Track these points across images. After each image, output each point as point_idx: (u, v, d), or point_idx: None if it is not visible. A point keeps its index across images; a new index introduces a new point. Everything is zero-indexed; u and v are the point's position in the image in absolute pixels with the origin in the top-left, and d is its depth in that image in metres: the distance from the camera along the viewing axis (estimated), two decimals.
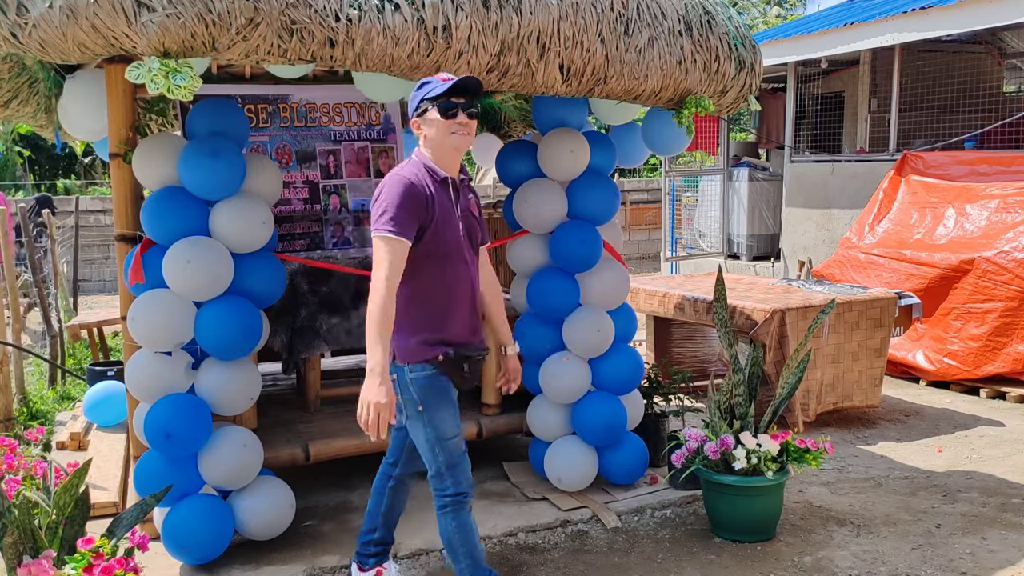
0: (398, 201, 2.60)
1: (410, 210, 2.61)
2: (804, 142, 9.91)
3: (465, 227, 2.80)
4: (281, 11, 2.69)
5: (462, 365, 2.78)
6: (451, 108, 2.64)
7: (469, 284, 2.82)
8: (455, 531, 2.79)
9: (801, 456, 3.51)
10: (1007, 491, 4.07)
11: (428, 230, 2.67)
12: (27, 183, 18.30)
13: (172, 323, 3.14)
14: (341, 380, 4.81)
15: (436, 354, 2.73)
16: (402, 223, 2.59)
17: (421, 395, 2.74)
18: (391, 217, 2.59)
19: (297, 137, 4.70)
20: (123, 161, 3.28)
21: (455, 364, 2.77)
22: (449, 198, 2.75)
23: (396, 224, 2.59)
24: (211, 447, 3.25)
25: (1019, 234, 5.91)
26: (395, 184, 2.63)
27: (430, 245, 2.68)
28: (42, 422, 5.34)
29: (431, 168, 2.71)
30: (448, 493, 2.78)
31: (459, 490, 2.78)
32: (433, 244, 2.69)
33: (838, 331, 5.02)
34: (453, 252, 2.74)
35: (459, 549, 2.79)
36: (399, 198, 2.60)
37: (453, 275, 2.75)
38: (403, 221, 2.59)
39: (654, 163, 21.46)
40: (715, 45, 3.52)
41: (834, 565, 3.33)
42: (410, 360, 2.74)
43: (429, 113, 2.67)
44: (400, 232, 2.59)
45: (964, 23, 7.27)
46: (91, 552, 2.46)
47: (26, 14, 2.58)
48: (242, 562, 3.36)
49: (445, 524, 2.80)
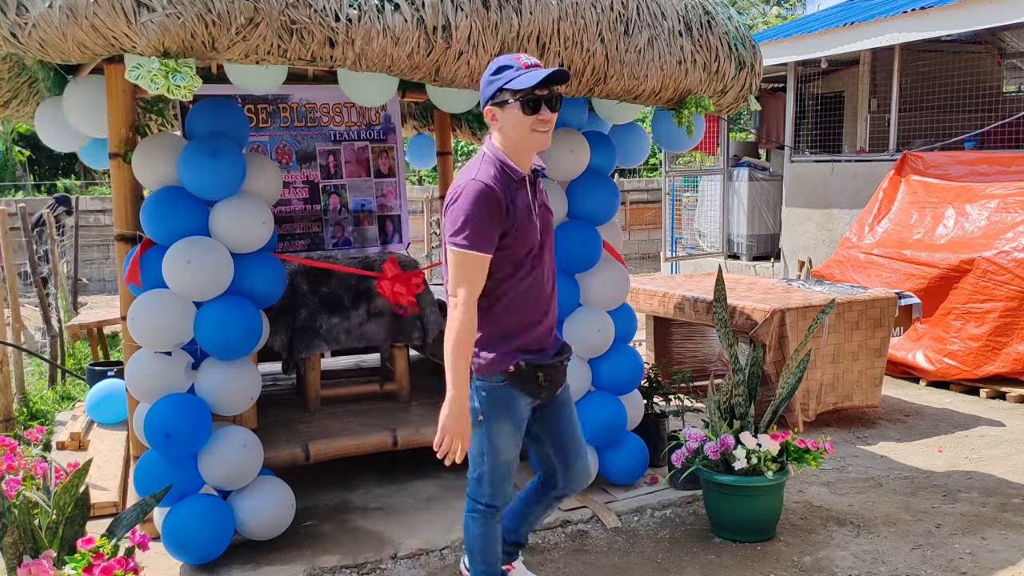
0: (477, 212, 2.38)
1: (490, 220, 2.40)
2: (804, 142, 9.91)
3: (542, 225, 2.60)
4: (281, 11, 2.69)
5: (536, 375, 2.59)
6: (535, 102, 2.39)
7: (547, 284, 2.64)
8: (478, 537, 2.73)
9: (801, 456, 3.51)
10: (1007, 491, 4.07)
11: (508, 235, 2.47)
12: (27, 183, 18.29)
13: (172, 323, 3.14)
14: (341, 380, 4.82)
15: (507, 365, 2.54)
16: (481, 236, 2.39)
17: (484, 405, 2.58)
18: (468, 231, 2.38)
19: (297, 137, 4.71)
20: (123, 161, 3.28)
21: (528, 375, 2.57)
22: (527, 197, 2.54)
23: (475, 238, 2.39)
24: (211, 447, 3.25)
25: (1019, 234, 5.91)
26: (473, 192, 2.40)
27: (510, 250, 2.49)
28: (42, 422, 5.34)
29: (508, 167, 2.48)
30: (481, 502, 2.71)
31: (492, 503, 2.70)
32: (513, 249, 2.50)
33: (838, 331, 5.02)
34: (533, 253, 2.56)
35: (477, 555, 2.75)
36: (478, 208, 2.38)
37: (532, 278, 2.57)
38: (482, 233, 2.39)
39: (654, 163, 21.45)
40: (715, 45, 3.52)
41: (834, 565, 3.33)
42: (481, 371, 2.57)
43: (509, 106, 2.42)
44: (480, 247, 2.40)
45: (964, 23, 7.27)
46: (91, 552, 2.46)
47: (26, 14, 2.58)
48: (242, 562, 3.36)
49: (470, 528, 2.75)
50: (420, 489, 4.15)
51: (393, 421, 4.16)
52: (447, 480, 4.25)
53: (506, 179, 2.47)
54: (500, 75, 2.41)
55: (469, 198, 2.39)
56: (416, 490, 4.14)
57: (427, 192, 13.60)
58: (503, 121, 2.45)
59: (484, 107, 2.48)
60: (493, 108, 2.46)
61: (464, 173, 2.48)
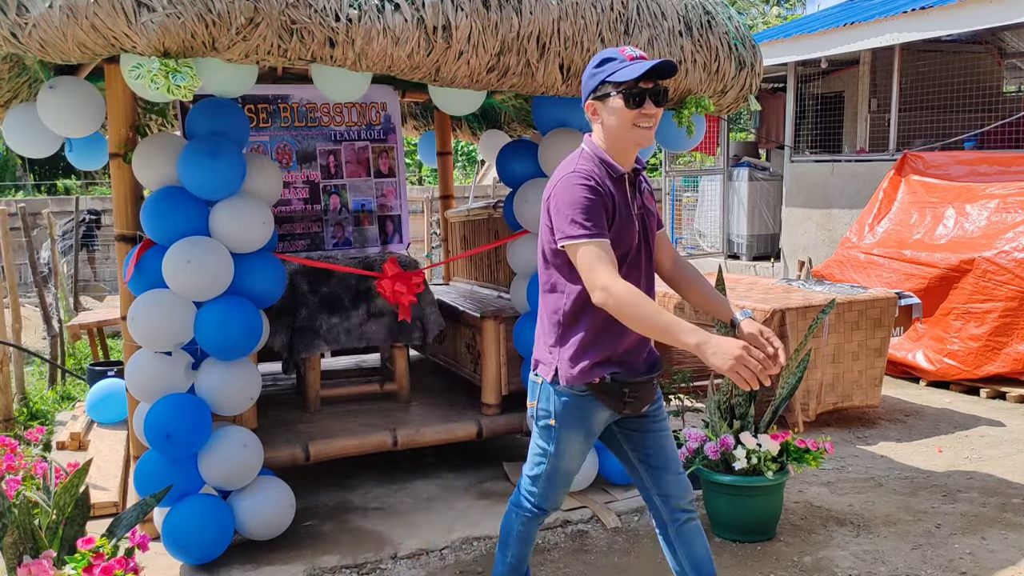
0: (580, 202, 2.25)
1: (595, 206, 2.26)
2: (804, 142, 9.91)
3: (641, 227, 2.42)
4: (281, 11, 2.68)
5: (622, 391, 2.41)
6: (639, 95, 2.25)
7: (644, 290, 2.42)
8: (517, 534, 2.66)
9: (801, 456, 3.51)
10: (1007, 491, 4.07)
11: (609, 231, 2.31)
12: (27, 183, 18.29)
13: (172, 323, 3.14)
14: (341, 380, 4.82)
15: (592, 379, 2.38)
16: (594, 222, 2.24)
17: (559, 411, 2.44)
18: (580, 220, 2.23)
19: (297, 137, 4.71)
20: (123, 161, 3.28)
21: (613, 389, 2.40)
22: (626, 196, 2.38)
23: (587, 225, 2.23)
24: (211, 447, 3.25)
25: (1019, 234, 5.91)
26: (571, 184, 2.27)
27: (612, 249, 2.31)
28: (42, 422, 5.34)
29: (607, 163, 2.34)
30: (532, 503, 2.61)
31: (543, 506, 2.62)
32: (615, 247, 2.32)
33: (838, 331, 5.02)
34: (629, 258, 2.38)
35: (510, 549, 2.69)
36: (581, 199, 2.25)
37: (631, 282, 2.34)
38: (593, 218, 2.24)
39: (654, 163, 21.43)
40: (715, 45, 3.52)
41: (834, 565, 3.33)
42: (563, 379, 2.41)
43: (611, 100, 2.28)
44: (597, 232, 2.23)
45: (964, 23, 7.27)
46: (91, 552, 2.46)
47: (26, 14, 2.58)
48: (242, 562, 3.36)
49: (512, 523, 2.66)
50: (420, 489, 4.15)
51: (393, 421, 4.16)
52: (447, 480, 4.26)
53: (604, 175, 2.32)
54: (602, 67, 2.29)
55: (569, 190, 2.27)
56: (416, 490, 4.14)
57: (427, 192, 13.60)
58: (604, 116, 2.32)
59: (585, 102, 2.36)
60: (594, 102, 2.33)
61: (562, 168, 2.36)
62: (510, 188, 4.06)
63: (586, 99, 2.36)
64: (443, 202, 5.91)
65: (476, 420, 4.17)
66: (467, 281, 5.57)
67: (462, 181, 18.11)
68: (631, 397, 2.43)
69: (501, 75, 3.13)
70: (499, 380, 4.23)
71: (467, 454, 4.61)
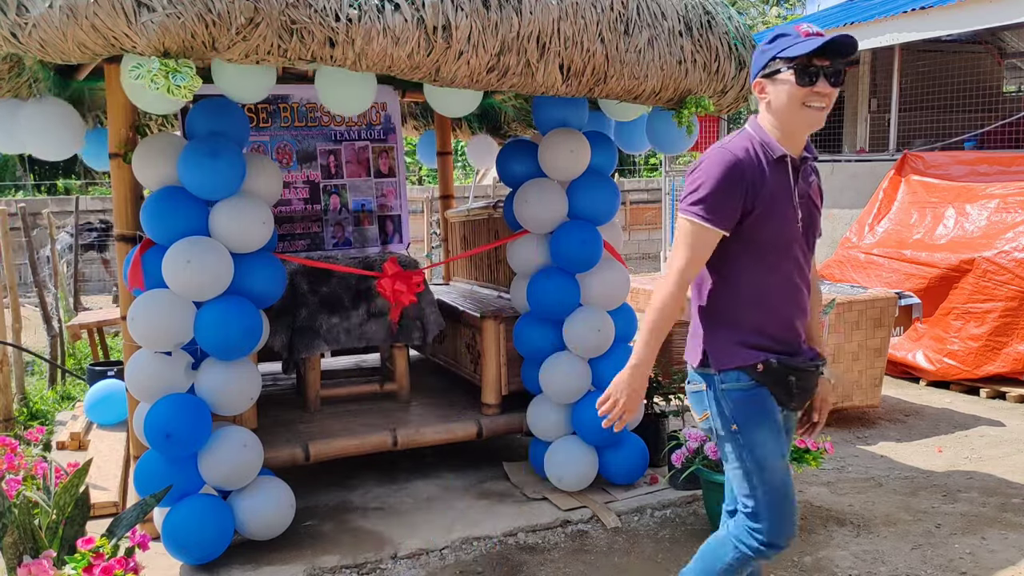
0: (717, 181, 2.13)
1: (730, 193, 2.13)
2: None
3: (804, 216, 2.26)
4: (281, 11, 2.68)
5: (787, 377, 2.23)
6: (812, 73, 2.11)
7: (796, 287, 2.27)
8: (726, 567, 2.31)
9: (801, 456, 3.51)
10: (1007, 491, 4.07)
11: (751, 217, 2.17)
12: (27, 183, 18.29)
13: (172, 323, 3.14)
14: (341, 380, 4.82)
15: (755, 361, 2.22)
16: (717, 208, 2.13)
17: (736, 412, 2.24)
18: (704, 199, 2.13)
19: (298, 137, 4.71)
20: (123, 161, 3.28)
21: (779, 375, 2.22)
22: (787, 181, 2.22)
23: (709, 209, 2.13)
24: (211, 447, 3.25)
25: (1019, 234, 5.91)
26: (718, 160, 2.15)
27: (753, 236, 2.19)
28: (42, 422, 5.34)
29: (767, 143, 2.21)
30: (758, 540, 2.24)
31: (772, 542, 2.23)
32: (757, 235, 2.19)
33: (838, 331, 5.02)
34: (781, 247, 2.23)
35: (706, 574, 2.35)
36: (719, 178, 2.13)
37: (777, 275, 2.24)
38: (719, 206, 2.14)
39: (654, 163, 21.46)
40: (715, 45, 3.52)
41: (834, 565, 3.33)
42: (723, 366, 2.24)
43: (781, 77, 2.14)
44: (713, 219, 2.14)
45: (964, 23, 7.27)
46: (91, 552, 2.46)
47: (26, 14, 2.58)
48: (242, 562, 3.36)
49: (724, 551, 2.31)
50: (420, 489, 4.15)
51: (393, 421, 4.16)
52: (447, 480, 4.26)
53: (760, 155, 2.19)
54: (774, 43, 2.17)
55: (713, 166, 2.15)
56: (416, 490, 4.14)
57: (427, 192, 13.60)
58: (772, 94, 2.18)
59: (753, 79, 2.23)
60: (763, 80, 2.19)
61: (715, 145, 2.24)
62: (510, 188, 4.07)
63: (755, 77, 2.23)
64: (443, 202, 5.91)
65: (476, 420, 4.17)
66: (467, 281, 5.57)
67: (462, 181, 18.11)
68: (797, 388, 2.26)
69: (501, 75, 3.13)
70: (499, 380, 4.24)
71: (467, 454, 4.61)
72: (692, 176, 2.19)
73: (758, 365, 2.21)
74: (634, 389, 2.21)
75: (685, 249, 2.17)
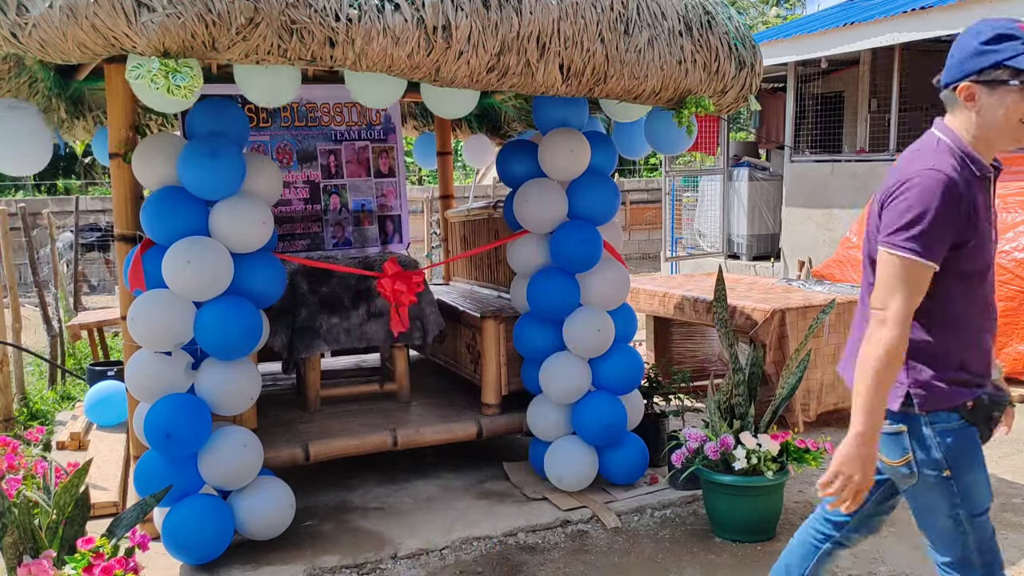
0: (937, 212, 1.88)
1: (948, 224, 1.89)
2: (804, 142, 9.91)
3: (996, 233, 2.08)
4: (281, 11, 2.68)
5: (993, 412, 2.07)
6: None
7: (992, 313, 2.12)
8: None
9: (801, 456, 3.51)
10: (1007, 491, 4.07)
11: (963, 246, 1.95)
12: (27, 183, 18.29)
13: (172, 323, 3.14)
14: (341, 380, 4.82)
15: (967, 399, 2.03)
16: (934, 242, 1.89)
17: (949, 455, 2.03)
18: (923, 233, 1.88)
19: (298, 137, 4.71)
20: (123, 161, 3.28)
21: (987, 411, 2.06)
22: (988, 200, 2.03)
23: (927, 243, 1.88)
24: (211, 447, 3.25)
25: (1019, 234, 5.91)
26: (933, 185, 1.89)
27: (965, 264, 1.98)
28: (42, 422, 5.34)
29: (972, 158, 1.96)
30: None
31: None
32: (968, 263, 1.98)
33: (838, 331, 5.01)
34: (982, 271, 2.04)
35: None
36: (939, 208, 1.88)
37: (977, 304, 2.06)
38: (936, 239, 1.89)
39: (654, 163, 21.47)
40: (715, 45, 3.52)
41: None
42: (932, 407, 2.03)
43: (1005, 88, 1.88)
44: (930, 255, 1.90)
45: (964, 23, 7.22)
46: (91, 552, 2.46)
47: (26, 14, 2.58)
48: (242, 562, 3.36)
49: None
50: (420, 489, 4.15)
51: (393, 421, 4.16)
52: (447, 480, 4.26)
53: (968, 175, 1.95)
54: (999, 46, 1.88)
55: (928, 191, 1.88)
56: (416, 490, 4.14)
57: (427, 192, 13.60)
58: (986, 103, 1.91)
59: (962, 80, 1.94)
60: (975, 85, 1.92)
61: (913, 161, 1.97)
62: (510, 188, 4.07)
63: (962, 78, 1.94)
64: (443, 202, 5.91)
65: (476, 420, 4.17)
66: (467, 281, 5.57)
67: (462, 181, 18.12)
68: (995, 424, 2.11)
69: (501, 75, 3.13)
70: (499, 380, 4.24)
71: (467, 454, 4.61)
72: (900, 203, 1.92)
73: (969, 403, 2.04)
74: (864, 462, 1.98)
75: (902, 288, 1.91)
